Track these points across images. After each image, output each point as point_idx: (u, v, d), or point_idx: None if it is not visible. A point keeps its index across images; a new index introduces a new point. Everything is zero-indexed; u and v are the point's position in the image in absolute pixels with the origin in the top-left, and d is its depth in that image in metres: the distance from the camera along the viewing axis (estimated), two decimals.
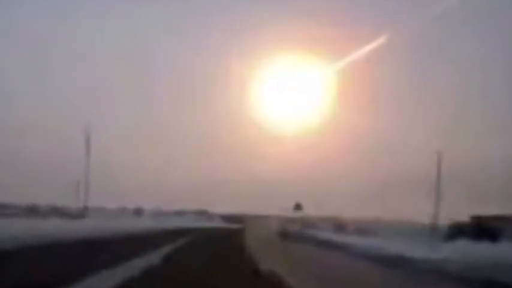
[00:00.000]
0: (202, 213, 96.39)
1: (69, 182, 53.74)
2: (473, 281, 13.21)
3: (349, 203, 64.43)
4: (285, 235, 41.79)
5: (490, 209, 32.24)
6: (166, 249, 18.50)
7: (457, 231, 29.10)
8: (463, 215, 32.31)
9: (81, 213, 51.97)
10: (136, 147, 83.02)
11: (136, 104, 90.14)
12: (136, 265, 12.47)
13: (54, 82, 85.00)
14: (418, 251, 19.59)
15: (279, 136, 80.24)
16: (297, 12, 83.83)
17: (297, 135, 79.16)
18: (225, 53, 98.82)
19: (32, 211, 58.34)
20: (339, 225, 55.29)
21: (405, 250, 19.87)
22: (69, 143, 64.97)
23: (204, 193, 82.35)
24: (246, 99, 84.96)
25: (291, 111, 76.34)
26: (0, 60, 78.04)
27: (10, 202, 58.04)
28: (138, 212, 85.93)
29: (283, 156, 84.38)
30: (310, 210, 63.91)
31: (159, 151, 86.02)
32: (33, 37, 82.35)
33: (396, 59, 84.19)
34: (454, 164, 48.85)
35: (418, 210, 50.82)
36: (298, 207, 58.82)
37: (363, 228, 48.00)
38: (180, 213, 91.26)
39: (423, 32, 79.42)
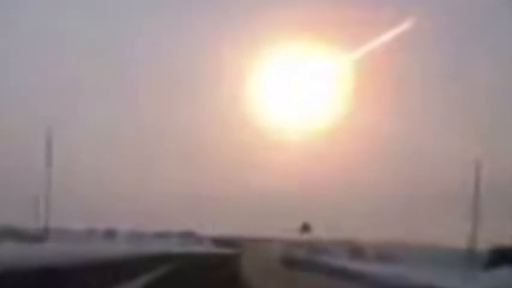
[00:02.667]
0: (189, 236, 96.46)
1: (26, 198, 53.68)
2: None
3: (368, 223, 64.48)
4: (290, 262, 41.79)
5: None
6: (144, 280, 18.46)
7: (499, 256, 29.08)
8: (506, 238, 32.31)
9: (41, 236, 51.87)
10: (108, 155, 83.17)
11: (108, 104, 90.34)
12: None
13: (6, 77, 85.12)
14: (452, 280, 19.57)
15: (282, 141, 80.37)
16: None
17: (303, 141, 79.34)
18: (216, 40, 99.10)
19: None
20: (356, 250, 55.30)
21: (436, 280, 19.85)
22: (27, 150, 65.02)
23: (191, 211, 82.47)
24: (241, 97, 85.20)
25: (296, 111, 76.54)
26: None
27: None
28: (110, 234, 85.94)
29: (287, 166, 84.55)
30: (320, 232, 63.92)
31: (137, 160, 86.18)
32: None
33: (425, 48, 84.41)
34: (496, 176, 48.91)
35: (451, 232, 50.86)
36: (305, 228, 58.80)
37: (385, 254, 48.01)
38: (161, 236, 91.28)
39: (458, 14, 79.60)
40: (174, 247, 69.46)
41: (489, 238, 37.32)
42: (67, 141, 65.73)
